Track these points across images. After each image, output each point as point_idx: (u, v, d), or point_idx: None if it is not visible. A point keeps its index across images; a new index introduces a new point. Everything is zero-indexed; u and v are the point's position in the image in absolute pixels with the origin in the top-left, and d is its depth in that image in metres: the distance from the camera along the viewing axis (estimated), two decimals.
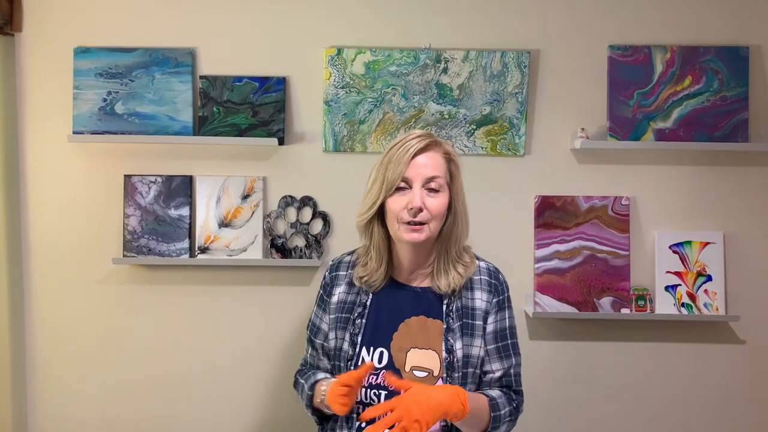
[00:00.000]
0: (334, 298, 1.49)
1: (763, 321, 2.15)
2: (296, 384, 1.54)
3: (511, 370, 1.45)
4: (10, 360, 2.12)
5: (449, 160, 1.43)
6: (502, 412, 1.39)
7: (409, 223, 1.37)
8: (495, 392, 1.42)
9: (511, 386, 1.45)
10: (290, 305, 2.17)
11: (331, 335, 1.47)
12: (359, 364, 1.41)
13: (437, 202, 1.38)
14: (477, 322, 1.42)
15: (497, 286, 1.47)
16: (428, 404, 1.23)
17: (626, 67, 2.10)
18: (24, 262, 2.17)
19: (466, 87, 2.11)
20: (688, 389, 2.17)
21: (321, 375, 1.47)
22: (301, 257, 2.15)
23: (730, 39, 2.12)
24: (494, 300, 1.45)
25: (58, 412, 2.19)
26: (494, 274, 1.49)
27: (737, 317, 2.09)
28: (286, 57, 2.15)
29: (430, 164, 1.39)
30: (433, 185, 1.38)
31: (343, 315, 1.46)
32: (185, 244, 2.14)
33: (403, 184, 1.38)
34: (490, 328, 1.44)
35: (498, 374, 1.43)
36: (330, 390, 1.34)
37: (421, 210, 1.36)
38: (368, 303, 1.46)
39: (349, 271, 1.51)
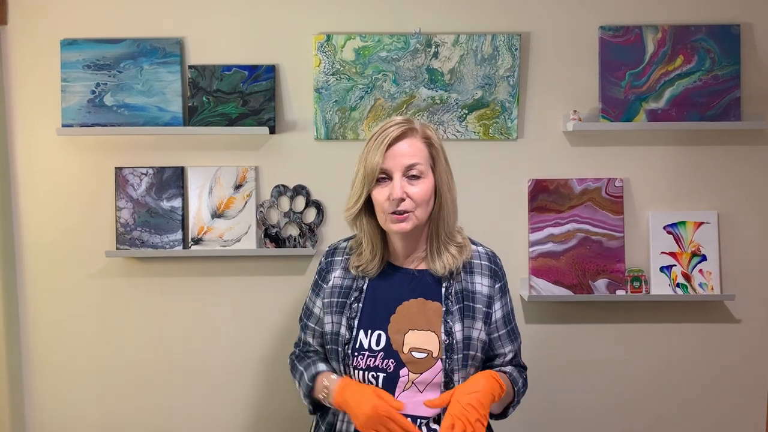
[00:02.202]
0: (330, 283, 1.50)
1: (758, 300, 2.16)
2: (294, 368, 1.55)
3: (518, 350, 1.53)
4: (5, 355, 2.11)
5: (429, 144, 1.41)
6: (519, 383, 1.49)
7: (394, 213, 1.37)
8: (507, 368, 1.50)
9: (519, 364, 1.54)
10: (285, 295, 2.17)
11: (327, 319, 1.47)
12: (356, 347, 1.41)
13: (419, 189, 1.38)
14: (478, 306, 1.43)
15: (497, 272, 1.49)
16: (477, 400, 1.31)
17: (617, 48, 2.09)
18: (16, 258, 2.16)
19: (457, 71, 2.10)
20: (684, 369, 2.18)
21: (322, 366, 1.47)
22: (295, 246, 2.14)
23: (721, 17, 2.11)
24: (497, 285, 1.47)
25: (54, 405, 2.19)
26: (493, 259, 1.50)
27: (732, 296, 2.10)
28: (275, 44, 2.13)
29: (408, 152, 1.38)
30: (413, 172, 1.38)
31: (339, 299, 1.47)
32: (178, 235, 2.13)
33: (383, 176, 1.38)
34: (498, 314, 1.47)
35: (510, 356, 1.50)
36: (371, 417, 1.31)
37: (403, 200, 1.36)
38: (365, 287, 1.46)
39: (345, 256, 1.51)
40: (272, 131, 2.12)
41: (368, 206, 1.43)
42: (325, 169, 2.15)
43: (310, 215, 2.16)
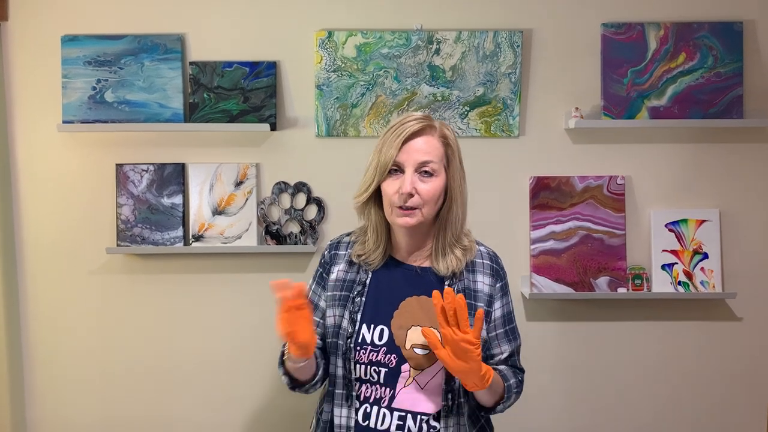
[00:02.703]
0: (333, 276, 1.49)
1: (759, 298, 2.16)
2: (282, 355, 1.49)
3: (515, 351, 1.50)
4: (6, 353, 2.11)
5: (446, 144, 1.41)
6: (511, 381, 1.44)
7: (401, 207, 1.37)
8: (500, 367, 1.48)
9: (515, 365, 1.51)
10: None
11: (330, 312, 1.47)
12: (359, 341, 1.41)
13: (429, 187, 1.37)
14: (479, 304, 1.43)
15: (499, 271, 1.49)
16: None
17: (620, 45, 2.09)
18: (17, 255, 2.16)
19: (459, 68, 2.10)
20: (685, 367, 2.18)
21: None
22: (296, 243, 2.14)
23: (723, 14, 2.10)
24: (498, 285, 1.47)
25: (55, 403, 2.18)
26: (495, 258, 1.50)
27: (734, 294, 2.09)
28: (276, 41, 2.12)
29: (423, 148, 1.38)
30: (426, 169, 1.37)
31: (342, 293, 1.46)
32: (179, 232, 2.13)
33: (395, 168, 1.38)
34: (497, 313, 1.47)
35: (505, 355, 1.48)
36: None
37: (411, 195, 1.36)
38: (368, 281, 1.46)
39: (348, 250, 1.51)
40: (273, 128, 2.11)
41: (377, 196, 1.43)
42: (326, 166, 2.14)
43: (311, 212, 2.16)
